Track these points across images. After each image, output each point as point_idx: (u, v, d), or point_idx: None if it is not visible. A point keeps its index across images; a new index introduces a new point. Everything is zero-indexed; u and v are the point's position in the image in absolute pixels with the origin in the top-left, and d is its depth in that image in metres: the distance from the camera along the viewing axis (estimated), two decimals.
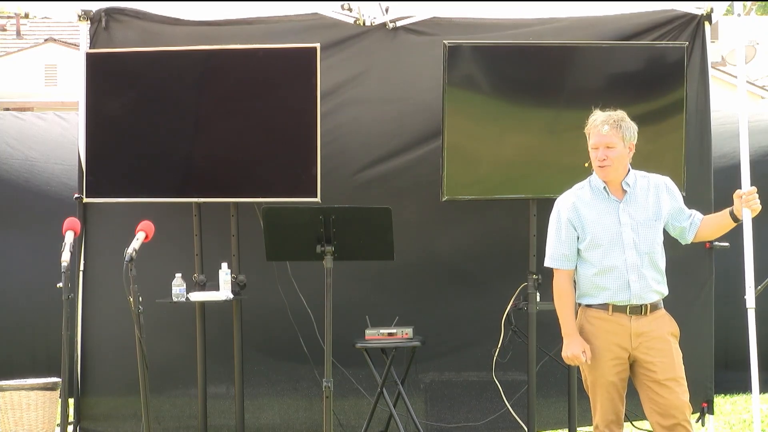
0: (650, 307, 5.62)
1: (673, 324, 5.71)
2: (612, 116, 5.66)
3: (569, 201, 5.72)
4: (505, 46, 7.36)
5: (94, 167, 7.40)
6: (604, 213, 5.64)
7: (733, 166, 8.32)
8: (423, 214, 7.68)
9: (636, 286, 5.58)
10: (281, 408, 7.87)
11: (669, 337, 5.65)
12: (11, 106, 22.91)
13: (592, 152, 5.65)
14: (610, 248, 5.59)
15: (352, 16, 7.67)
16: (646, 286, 5.61)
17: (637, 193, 5.67)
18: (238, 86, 7.27)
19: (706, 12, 7.51)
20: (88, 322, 7.75)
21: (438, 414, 7.85)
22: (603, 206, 5.65)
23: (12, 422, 7.31)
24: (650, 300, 5.62)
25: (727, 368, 8.66)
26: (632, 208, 5.64)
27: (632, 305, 5.58)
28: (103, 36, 7.70)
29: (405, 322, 7.44)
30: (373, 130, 7.73)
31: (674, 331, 5.70)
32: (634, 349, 5.59)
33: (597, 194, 5.67)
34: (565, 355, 5.60)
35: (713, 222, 5.82)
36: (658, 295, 5.68)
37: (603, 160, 5.60)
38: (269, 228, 6.60)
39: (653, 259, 5.64)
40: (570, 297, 5.65)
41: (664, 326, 5.66)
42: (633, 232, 5.60)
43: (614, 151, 5.60)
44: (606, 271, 5.59)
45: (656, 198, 5.69)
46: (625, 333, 5.58)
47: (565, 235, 5.66)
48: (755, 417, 7.17)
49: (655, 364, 5.59)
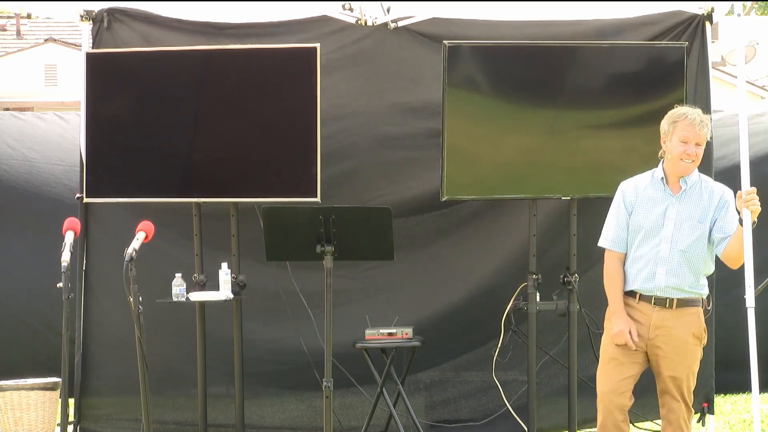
0: (677, 302, 5.73)
1: (699, 325, 5.77)
2: (704, 116, 5.82)
3: (631, 185, 5.93)
4: (505, 46, 7.36)
5: (95, 167, 7.40)
6: (655, 203, 5.81)
7: (733, 166, 8.32)
8: (423, 214, 7.68)
9: (662, 279, 5.72)
10: (281, 408, 7.87)
11: (689, 338, 5.74)
12: (11, 106, 22.90)
13: (679, 146, 5.76)
14: (647, 237, 5.77)
15: (353, 16, 7.67)
16: (675, 282, 5.73)
17: (693, 193, 5.80)
18: (238, 86, 7.27)
19: (707, 12, 7.51)
20: (88, 322, 7.75)
21: (438, 414, 7.85)
22: (657, 196, 5.83)
23: (12, 422, 7.30)
24: (678, 296, 5.73)
25: (727, 368, 8.65)
26: (683, 205, 5.78)
27: (657, 297, 5.72)
28: (106, 36, 7.71)
29: (405, 322, 7.44)
30: (373, 130, 7.73)
31: (697, 333, 5.76)
32: (650, 340, 5.74)
33: (655, 184, 5.84)
34: (613, 332, 5.79)
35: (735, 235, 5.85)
36: (691, 294, 5.76)
37: (692, 155, 5.76)
38: (269, 228, 6.60)
39: (690, 258, 5.75)
40: (617, 278, 5.85)
41: (688, 325, 5.75)
42: (675, 228, 5.74)
43: (701, 149, 5.80)
44: (637, 259, 5.79)
45: (709, 203, 5.81)
46: (647, 322, 5.74)
47: (621, 218, 5.88)
48: (755, 417, 7.16)
49: (663, 359, 5.72)
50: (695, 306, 5.78)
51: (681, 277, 5.74)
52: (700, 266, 5.79)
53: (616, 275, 5.86)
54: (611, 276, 5.89)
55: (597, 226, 7.58)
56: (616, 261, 5.89)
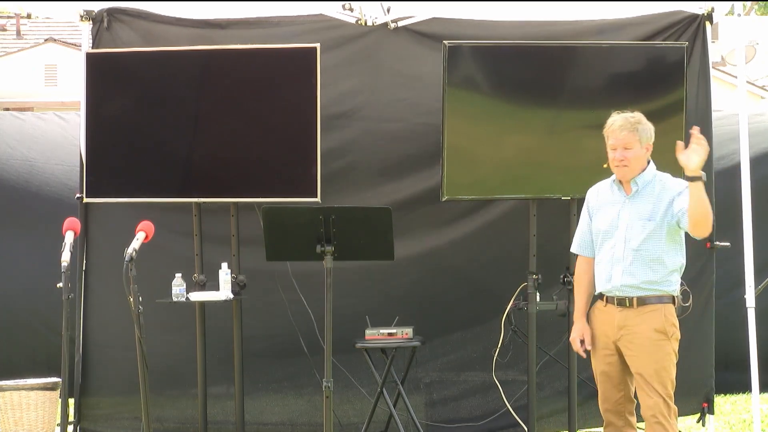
0: (637, 300, 5.78)
1: (663, 321, 5.76)
2: (629, 119, 5.89)
3: (594, 190, 6.07)
4: (505, 46, 7.36)
5: (95, 167, 7.40)
6: (610, 206, 5.91)
7: (733, 166, 8.33)
8: (423, 214, 7.68)
9: (618, 279, 5.80)
10: (281, 408, 7.87)
11: (652, 333, 5.75)
12: (11, 106, 22.90)
13: (610, 152, 5.89)
14: (605, 240, 5.89)
15: (353, 16, 7.67)
16: (630, 281, 5.78)
17: (645, 192, 5.84)
18: (238, 86, 7.27)
19: (707, 12, 7.51)
20: (88, 322, 7.75)
21: (438, 414, 7.85)
22: (612, 199, 5.93)
23: (12, 422, 7.30)
24: (636, 294, 5.77)
25: (727, 368, 8.66)
26: (633, 205, 5.83)
27: (618, 297, 5.81)
28: (106, 36, 7.71)
29: (405, 322, 7.44)
30: (373, 130, 7.73)
31: (660, 328, 5.75)
32: (617, 341, 5.81)
33: (612, 188, 5.94)
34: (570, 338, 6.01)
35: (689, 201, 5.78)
36: (651, 292, 5.77)
37: (621, 161, 5.85)
38: (269, 228, 6.60)
39: (645, 256, 5.78)
40: (580, 284, 6.02)
41: (650, 321, 5.76)
42: (627, 228, 5.81)
43: (631, 152, 5.83)
44: (599, 262, 5.92)
45: (659, 199, 5.81)
46: (612, 323, 5.82)
47: (584, 223, 6.05)
48: (755, 417, 7.18)
49: (630, 357, 5.78)
50: (659, 303, 5.77)
51: (636, 276, 5.78)
52: (660, 263, 5.79)
53: (580, 280, 6.03)
54: (576, 281, 6.09)
55: None
56: (582, 265, 6.04)
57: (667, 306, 5.78)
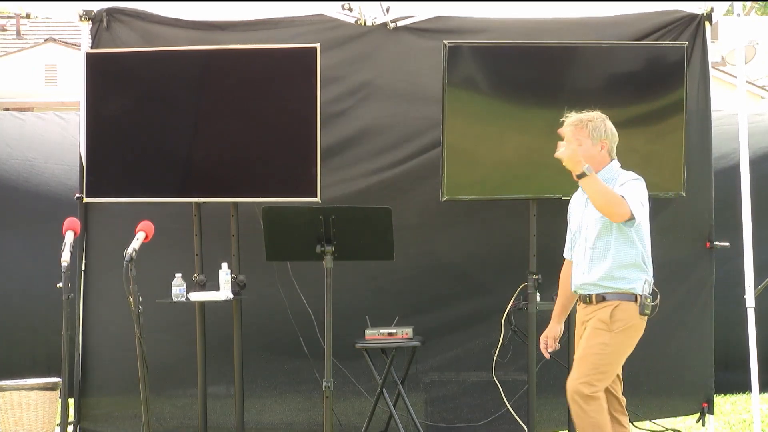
0: (596, 297, 5.85)
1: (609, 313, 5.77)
2: (580, 116, 5.92)
3: (574, 196, 6.15)
4: (505, 46, 7.36)
5: (95, 167, 7.39)
6: (578, 207, 6.04)
7: (733, 166, 8.33)
8: (423, 214, 7.68)
9: (579, 277, 5.93)
10: (281, 408, 7.87)
11: (596, 323, 5.81)
12: (11, 106, 22.91)
13: None
14: (575, 241, 6.03)
15: (353, 16, 7.67)
16: (588, 278, 5.87)
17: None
18: (238, 86, 7.27)
19: (707, 12, 7.51)
20: (88, 322, 7.75)
21: (438, 414, 7.84)
22: (580, 202, 6.03)
23: (12, 422, 7.30)
24: (596, 291, 5.84)
25: (727, 368, 8.66)
26: (590, 204, 5.86)
27: (582, 295, 5.93)
28: (105, 36, 7.70)
29: (405, 322, 7.44)
30: (373, 130, 7.73)
31: (605, 318, 5.78)
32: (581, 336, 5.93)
33: (581, 190, 5.98)
34: None
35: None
36: (609, 289, 5.81)
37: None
38: (269, 228, 6.60)
39: (600, 253, 5.83)
40: (562, 286, 6.18)
41: (599, 314, 5.82)
42: (586, 228, 5.91)
43: (580, 149, 5.84)
44: (573, 263, 6.04)
45: None
46: (580, 320, 5.97)
47: (568, 228, 6.14)
48: (755, 417, 7.18)
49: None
50: (616, 299, 5.79)
51: (593, 274, 5.84)
52: (612, 258, 5.80)
53: (561, 283, 6.19)
54: (559, 284, 6.23)
55: None
56: (564, 269, 6.19)
57: (624, 303, 5.78)
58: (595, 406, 5.74)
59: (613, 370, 5.85)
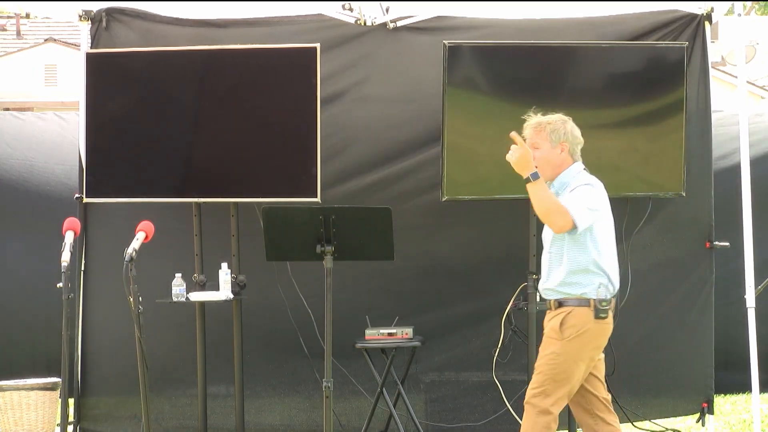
0: (554, 303, 5.83)
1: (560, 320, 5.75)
2: (540, 119, 5.89)
3: None
4: (505, 46, 7.36)
5: (95, 167, 7.40)
6: None
7: (733, 166, 8.33)
8: (423, 214, 7.68)
9: (541, 283, 5.91)
10: (281, 408, 7.87)
11: (548, 331, 5.81)
12: (11, 106, 22.93)
13: None
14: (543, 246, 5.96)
15: (352, 16, 7.67)
16: (546, 284, 5.86)
17: (559, 194, 5.82)
18: (238, 86, 7.27)
19: (707, 12, 7.51)
20: (88, 322, 7.75)
21: (438, 414, 7.84)
22: None
23: (12, 422, 7.31)
24: (553, 297, 5.83)
25: (727, 368, 8.66)
26: None
27: (546, 300, 5.89)
28: (104, 36, 7.70)
29: (405, 322, 7.44)
30: (373, 130, 7.73)
31: (555, 326, 5.76)
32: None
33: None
34: None
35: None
36: (564, 295, 5.79)
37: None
38: (269, 228, 6.60)
39: (554, 257, 5.83)
40: None
41: (552, 322, 5.81)
42: (545, 231, 5.89)
43: (539, 152, 5.82)
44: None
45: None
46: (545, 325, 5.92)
47: None
48: (755, 417, 7.17)
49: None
50: (570, 305, 5.76)
51: (550, 279, 5.83)
52: (566, 263, 5.78)
53: None
54: None
55: None
56: None
57: (578, 309, 5.73)
58: (544, 422, 5.71)
59: (570, 378, 5.75)
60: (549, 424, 5.71)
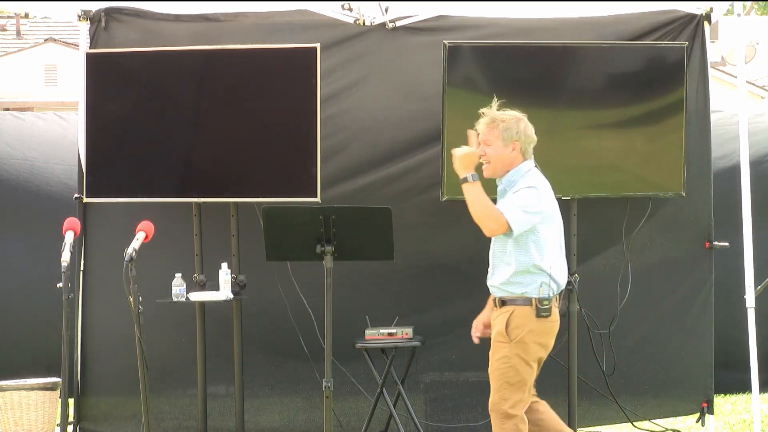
0: (499, 301, 5.89)
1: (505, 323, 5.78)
2: (493, 116, 5.93)
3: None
4: (505, 46, 7.36)
5: (94, 167, 7.39)
6: None
7: (733, 166, 8.33)
8: (423, 214, 7.68)
9: (488, 279, 5.96)
10: (281, 408, 7.87)
11: (496, 335, 5.85)
12: (11, 106, 22.94)
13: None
14: None
15: (352, 15, 7.67)
16: (491, 282, 5.94)
17: (505, 193, 5.94)
18: (238, 86, 7.27)
19: (706, 12, 7.51)
20: (88, 322, 7.75)
21: (438, 414, 7.84)
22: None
23: (12, 422, 7.31)
24: (498, 294, 5.89)
25: (727, 368, 8.66)
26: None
27: (493, 297, 5.95)
28: (103, 36, 7.70)
29: (405, 322, 7.44)
30: (373, 130, 7.73)
31: (501, 329, 5.79)
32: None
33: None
34: None
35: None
36: (506, 293, 5.85)
37: (481, 157, 5.95)
38: (269, 228, 6.60)
39: (497, 256, 5.91)
40: None
41: (497, 323, 5.85)
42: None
43: (491, 149, 5.92)
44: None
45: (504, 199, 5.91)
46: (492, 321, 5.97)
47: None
48: (755, 417, 7.18)
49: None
50: (512, 305, 5.81)
51: (494, 277, 5.91)
52: (508, 263, 5.83)
53: None
54: None
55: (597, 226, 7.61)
56: None
57: (520, 308, 5.78)
58: (511, 426, 5.73)
59: (525, 380, 5.78)
60: (517, 425, 5.73)
